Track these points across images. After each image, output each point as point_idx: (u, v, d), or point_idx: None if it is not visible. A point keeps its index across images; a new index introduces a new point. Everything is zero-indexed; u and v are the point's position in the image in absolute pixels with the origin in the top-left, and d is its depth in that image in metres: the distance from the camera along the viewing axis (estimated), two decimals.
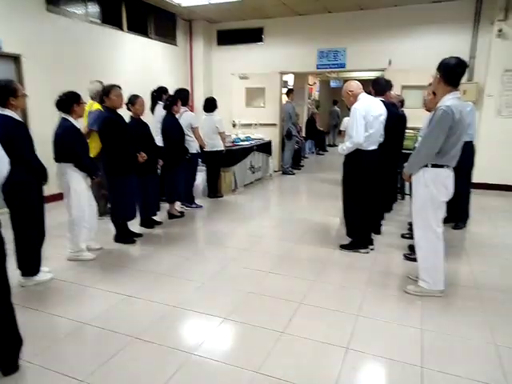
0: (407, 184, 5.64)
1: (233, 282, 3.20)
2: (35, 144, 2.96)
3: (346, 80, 14.56)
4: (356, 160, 3.55)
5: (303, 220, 4.98)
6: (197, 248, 4.10)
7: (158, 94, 5.23)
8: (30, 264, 3.08)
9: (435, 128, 2.66)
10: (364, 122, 3.43)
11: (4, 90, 2.79)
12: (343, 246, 3.89)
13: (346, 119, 6.27)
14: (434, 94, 3.54)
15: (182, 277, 3.31)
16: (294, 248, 3.99)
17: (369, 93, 3.81)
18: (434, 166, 2.76)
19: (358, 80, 3.74)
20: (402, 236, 4.23)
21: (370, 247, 3.83)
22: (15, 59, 5.16)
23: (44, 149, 3.35)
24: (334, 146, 13.04)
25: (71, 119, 3.35)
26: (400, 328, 2.54)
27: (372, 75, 9.08)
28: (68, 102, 3.33)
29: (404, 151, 4.63)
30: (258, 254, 3.84)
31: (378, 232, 4.22)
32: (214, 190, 6.12)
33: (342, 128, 6.32)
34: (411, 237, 3.75)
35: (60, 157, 3.34)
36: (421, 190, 2.84)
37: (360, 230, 3.77)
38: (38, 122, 2.94)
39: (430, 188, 2.77)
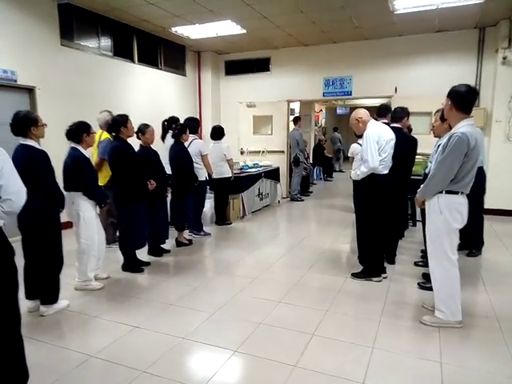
0: (418, 210, 5.58)
1: (242, 313, 3.12)
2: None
3: (352, 107, 14.83)
4: (370, 184, 3.53)
5: (313, 247, 4.91)
6: (205, 277, 4.03)
7: (170, 123, 5.31)
8: (51, 292, 3.07)
9: (450, 154, 2.64)
10: (377, 146, 3.45)
11: (26, 120, 2.87)
12: (355, 275, 3.80)
13: (353, 145, 6.30)
14: (442, 120, 3.58)
15: (190, 307, 3.24)
16: (304, 276, 3.91)
17: (375, 119, 3.85)
18: (448, 192, 2.72)
19: (364, 107, 3.80)
20: (416, 264, 4.13)
21: (383, 275, 3.74)
22: (30, 91, 5.33)
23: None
24: (340, 171, 13.08)
25: (80, 149, 3.40)
26: (418, 361, 2.42)
27: (378, 102, 9.19)
28: (78, 131, 3.39)
29: (413, 177, 4.59)
30: (268, 283, 3.76)
31: (392, 261, 4.12)
32: (222, 217, 6.10)
33: (349, 154, 6.33)
34: (425, 265, 3.68)
35: (69, 185, 3.37)
36: (435, 216, 2.78)
37: (373, 256, 3.69)
38: (49, 151, 2.98)
39: (445, 215, 2.72)
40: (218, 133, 5.96)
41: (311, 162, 10.73)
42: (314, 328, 2.84)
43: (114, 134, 3.91)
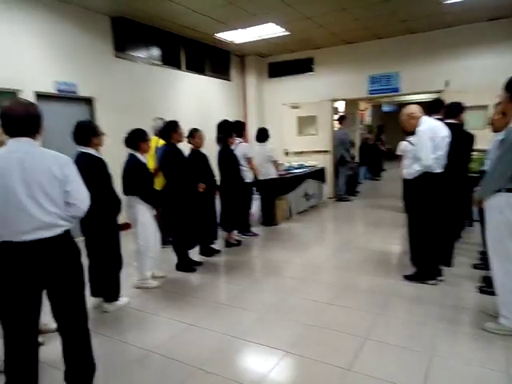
0: (475, 209, 5.28)
1: (292, 314, 3.13)
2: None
3: (399, 104, 14.27)
4: (424, 183, 3.40)
5: (362, 248, 4.81)
6: (254, 277, 4.09)
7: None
8: (112, 290, 3.28)
9: (509, 150, 2.49)
10: (432, 143, 3.31)
11: (87, 130, 3.07)
12: (408, 277, 3.68)
13: (403, 143, 6.10)
14: (504, 113, 3.37)
15: (241, 306, 3.30)
16: (354, 278, 3.85)
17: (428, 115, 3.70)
18: (508, 190, 2.56)
19: (413, 103, 3.66)
20: (474, 266, 3.92)
21: (439, 278, 3.58)
22: (88, 101, 5.71)
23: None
24: (383, 170, 12.71)
25: (138, 155, 3.59)
26: (482, 371, 2.30)
27: (427, 98, 8.81)
28: (134, 138, 3.58)
29: (470, 174, 4.36)
30: (317, 284, 3.75)
31: (449, 264, 3.93)
32: (269, 219, 6.14)
33: (398, 153, 6.13)
34: (485, 267, 3.49)
35: (128, 190, 3.57)
36: (495, 217, 2.63)
37: (428, 258, 3.55)
38: (107, 157, 3.18)
39: (506, 214, 2.57)
40: (262, 135, 6.03)
41: (357, 161, 10.49)
42: (367, 331, 2.79)
43: (165, 139, 4.08)
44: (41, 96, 4.96)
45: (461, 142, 3.63)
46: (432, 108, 4.05)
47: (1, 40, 4.64)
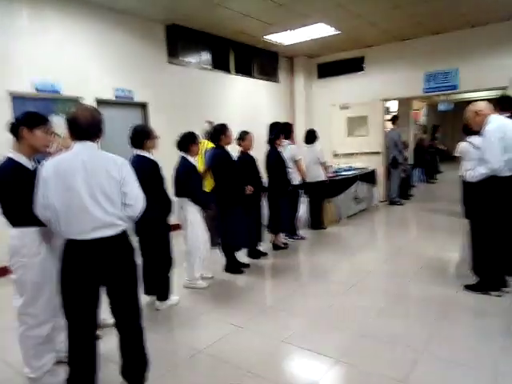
0: None
1: (342, 320, 3.04)
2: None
3: (456, 103, 13.49)
4: (489, 187, 3.15)
5: (415, 254, 4.57)
6: (301, 281, 4.03)
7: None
8: (164, 289, 3.39)
9: None
10: (501, 144, 3.04)
11: (141, 134, 3.22)
12: (469, 287, 3.42)
13: (461, 144, 5.72)
14: None
15: (288, 310, 3.27)
16: (407, 286, 3.66)
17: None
18: None
19: (472, 101, 3.41)
20: None
21: (504, 290, 3.30)
22: (142, 106, 5.97)
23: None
24: (440, 172, 12.05)
25: (189, 157, 3.68)
26: None
27: (488, 95, 8.22)
28: (185, 141, 3.68)
29: None
30: (367, 291, 3.61)
31: None
32: (316, 222, 6.04)
33: (457, 154, 5.76)
34: None
35: (179, 192, 3.67)
36: None
37: (492, 267, 3.28)
38: (159, 160, 3.29)
39: None
40: (310, 136, 5.95)
41: (411, 163, 10.03)
42: (424, 343, 2.63)
43: (215, 142, 4.16)
44: (100, 102, 5.26)
45: None
46: (502, 105, 3.73)
47: (65, 50, 5.00)
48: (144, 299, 3.35)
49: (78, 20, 5.12)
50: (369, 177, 7.33)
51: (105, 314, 2.42)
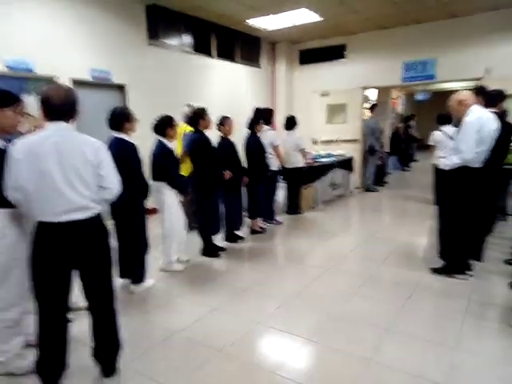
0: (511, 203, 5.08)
1: (315, 302, 3.15)
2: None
3: (434, 92, 13.69)
4: (460, 177, 3.26)
5: (388, 240, 4.73)
6: (278, 265, 4.12)
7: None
8: (139, 272, 3.40)
9: None
10: (477, 137, 3.12)
11: (120, 116, 3.17)
12: (436, 270, 3.59)
13: (435, 133, 5.90)
14: None
15: (264, 293, 3.35)
16: (378, 269, 3.80)
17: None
18: None
19: (448, 91, 3.49)
20: (507, 262, 3.77)
21: (469, 273, 3.48)
22: (121, 88, 5.84)
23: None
24: (415, 160, 12.35)
25: (166, 141, 3.65)
26: (508, 369, 2.24)
27: (464, 86, 8.42)
28: (162, 125, 3.64)
29: (506, 167, 4.16)
30: (341, 274, 3.73)
31: (479, 258, 3.80)
32: (294, 207, 6.14)
33: (430, 142, 5.94)
34: None
35: (156, 176, 3.65)
36: None
37: (458, 252, 3.45)
38: (138, 143, 3.26)
39: None
40: (290, 123, 5.97)
41: (387, 150, 10.22)
42: (391, 323, 2.76)
43: (193, 126, 4.13)
44: (76, 82, 5.11)
45: (500, 132, 3.43)
46: (487, 99, 3.82)
47: (40, 28, 4.81)
48: (119, 282, 3.39)
49: None
50: (346, 164, 7.45)
51: (76, 297, 2.42)
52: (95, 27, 5.41)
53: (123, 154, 3.09)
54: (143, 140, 3.61)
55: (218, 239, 4.50)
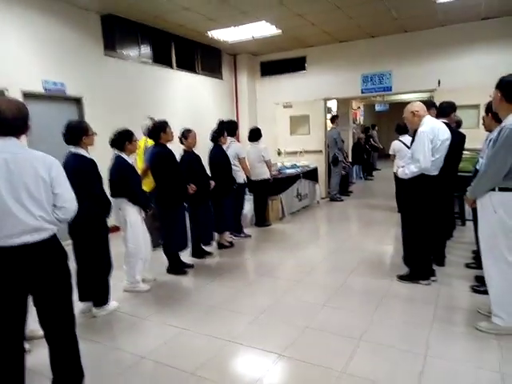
0: (468, 209, 5.31)
1: (286, 316, 3.10)
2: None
3: (391, 103, 14.30)
4: (419, 185, 3.37)
5: (356, 249, 4.79)
6: (248, 279, 4.05)
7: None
8: (102, 294, 3.20)
9: (502, 148, 2.47)
10: (431, 145, 3.25)
11: (77, 130, 3.01)
12: (402, 277, 3.66)
13: (394, 142, 6.12)
14: (487, 113, 3.39)
15: (234, 310, 3.26)
16: (348, 279, 3.82)
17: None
18: (502, 189, 2.55)
19: (405, 103, 3.64)
20: (467, 266, 3.92)
21: (432, 278, 3.57)
22: (77, 101, 5.61)
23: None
24: (377, 169, 12.77)
25: (124, 156, 3.51)
26: (476, 371, 2.29)
27: (419, 97, 8.84)
28: (121, 139, 3.51)
29: (461, 174, 4.36)
30: (311, 286, 3.71)
31: (442, 263, 3.93)
32: (261, 219, 6.10)
33: (390, 152, 6.15)
34: (477, 267, 3.51)
35: (115, 192, 3.49)
36: (488, 216, 2.62)
37: (421, 258, 3.54)
38: (96, 158, 3.12)
39: (500, 214, 2.56)
40: (255, 134, 5.98)
41: (350, 160, 10.51)
42: (362, 333, 2.76)
43: (154, 140, 4.01)
44: (27, 95, 4.84)
45: (451, 141, 3.59)
46: (440, 111, 4.01)
47: None
48: (79, 306, 3.18)
49: (5, 6, 4.66)
50: (311, 174, 7.55)
51: (33, 324, 2.23)
52: (47, 37, 5.18)
53: (82, 170, 2.96)
54: (102, 155, 3.45)
55: (185, 255, 4.37)
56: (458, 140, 4.10)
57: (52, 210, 1.90)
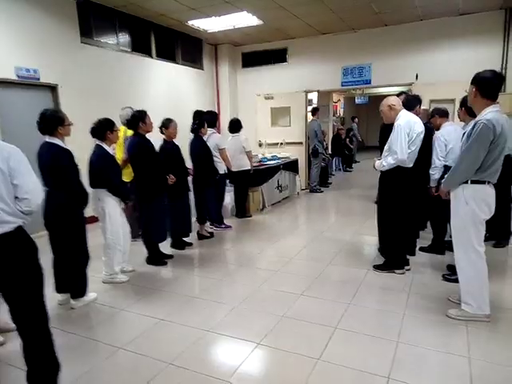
0: None
1: (265, 305, 3.14)
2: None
3: (371, 96, 14.49)
4: (396, 177, 3.46)
5: (334, 239, 4.88)
6: (227, 269, 4.07)
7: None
8: (79, 286, 3.16)
9: (475, 142, 2.56)
10: (408, 138, 3.35)
11: (53, 119, 2.92)
12: (377, 267, 3.76)
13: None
14: (461, 107, 3.50)
15: (213, 299, 3.28)
16: (326, 269, 3.90)
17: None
18: (474, 182, 2.65)
19: (384, 96, 3.70)
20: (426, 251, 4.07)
21: (406, 268, 3.68)
22: (52, 89, 5.45)
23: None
24: (356, 162, 12.94)
25: (105, 146, 3.45)
26: (445, 356, 2.39)
27: (398, 90, 8.97)
28: (102, 129, 3.44)
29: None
30: (290, 276, 3.77)
31: (413, 253, 4.05)
32: (242, 210, 6.12)
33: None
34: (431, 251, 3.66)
35: (95, 183, 3.44)
36: (460, 207, 2.72)
37: (396, 248, 3.64)
38: (72, 148, 3.05)
39: (471, 205, 2.65)
40: (235, 126, 5.96)
41: (330, 152, 10.62)
42: (337, 321, 2.83)
43: (133, 130, 3.96)
44: None
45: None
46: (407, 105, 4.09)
47: None
48: (57, 298, 3.15)
49: None
50: (291, 166, 7.61)
51: (6, 317, 2.19)
52: (21, 23, 5.00)
53: (57, 161, 2.90)
54: (78, 145, 3.39)
55: (165, 246, 4.35)
56: (427, 133, 4.21)
57: (14, 202, 1.83)
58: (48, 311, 2.04)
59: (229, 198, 6.05)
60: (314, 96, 10.35)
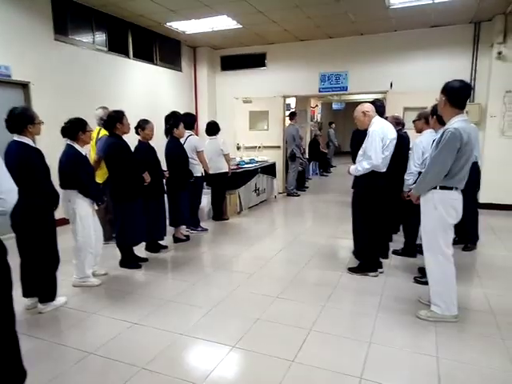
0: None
1: (240, 308, 3.14)
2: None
3: (348, 102, 14.77)
4: (370, 181, 3.53)
5: (310, 242, 4.93)
6: (203, 273, 4.04)
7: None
8: (48, 289, 3.06)
9: (443, 150, 2.65)
10: (382, 144, 3.43)
11: (22, 118, 2.83)
12: (351, 270, 3.83)
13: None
14: (432, 115, 3.63)
15: (188, 303, 3.25)
16: (301, 272, 3.93)
17: None
18: (442, 187, 2.74)
19: (360, 102, 3.78)
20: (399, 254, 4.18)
21: (380, 270, 3.77)
22: (24, 86, 5.28)
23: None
24: (332, 166, 13.15)
25: (77, 146, 3.36)
26: (414, 356, 2.45)
27: (373, 98, 9.18)
28: (74, 129, 3.35)
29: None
30: (265, 279, 3.78)
31: (386, 256, 4.15)
32: (219, 213, 6.10)
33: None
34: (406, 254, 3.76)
35: (65, 183, 3.34)
36: (430, 212, 2.81)
37: (369, 251, 3.72)
38: (43, 147, 2.96)
39: (440, 210, 2.75)
40: (212, 128, 5.95)
41: (307, 157, 10.74)
42: (312, 323, 2.86)
43: (109, 130, 3.88)
44: None
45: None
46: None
47: None
48: (24, 302, 3.04)
49: None
50: (269, 169, 7.65)
51: None
52: None
53: (26, 160, 2.81)
54: (50, 145, 3.29)
55: (139, 249, 4.28)
56: (399, 139, 4.33)
57: None
58: (15, 315, 1.96)
59: (206, 201, 6.01)
60: (292, 101, 10.47)
